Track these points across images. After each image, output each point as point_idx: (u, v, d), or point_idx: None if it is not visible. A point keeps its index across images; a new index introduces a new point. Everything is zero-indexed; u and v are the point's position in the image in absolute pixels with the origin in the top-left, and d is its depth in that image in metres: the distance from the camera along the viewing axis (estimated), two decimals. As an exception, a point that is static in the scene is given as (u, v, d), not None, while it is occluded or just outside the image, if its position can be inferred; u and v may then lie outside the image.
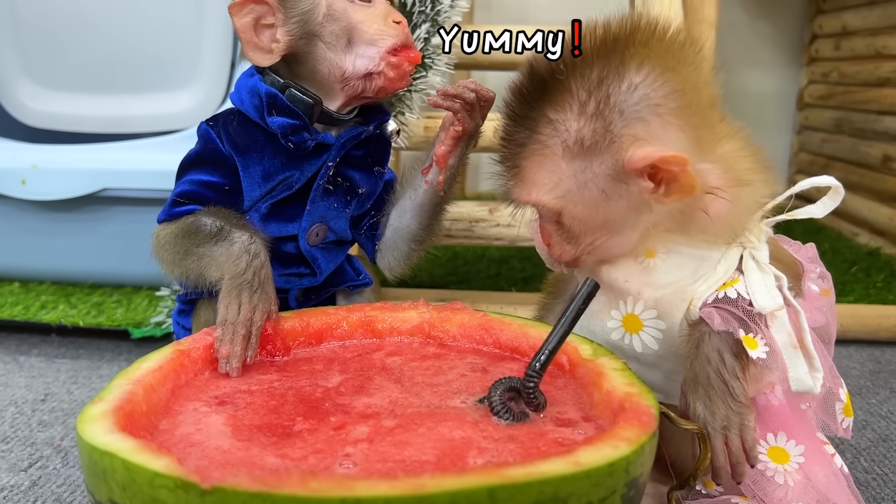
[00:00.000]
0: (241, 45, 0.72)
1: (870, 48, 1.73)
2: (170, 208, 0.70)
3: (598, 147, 0.57)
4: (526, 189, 0.61)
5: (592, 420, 0.55)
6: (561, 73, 0.57)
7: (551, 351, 0.54)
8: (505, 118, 0.62)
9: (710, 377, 0.58)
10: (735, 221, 0.61)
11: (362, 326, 0.70)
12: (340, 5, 0.71)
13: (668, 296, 0.63)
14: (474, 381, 0.61)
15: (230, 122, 0.73)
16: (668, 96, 0.56)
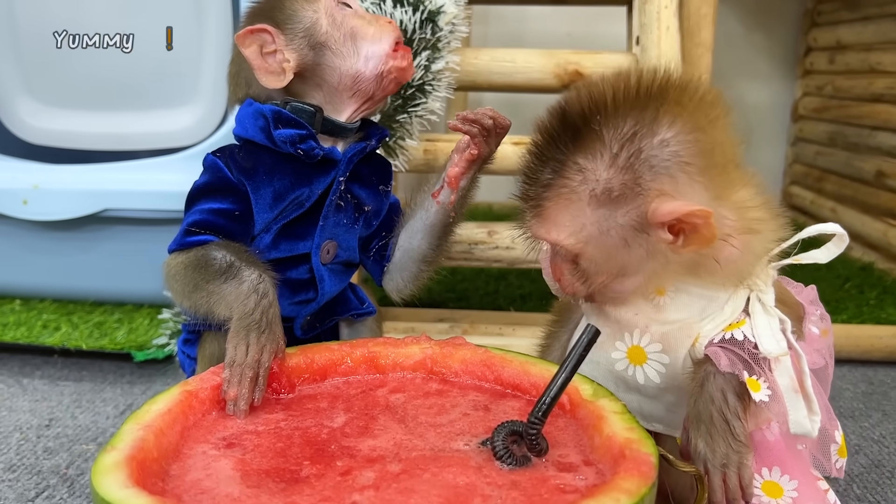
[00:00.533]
0: (255, 73, 0.74)
1: (864, 63, 1.75)
2: (182, 238, 0.71)
3: (625, 198, 0.58)
4: (546, 228, 0.62)
5: (593, 464, 0.56)
6: (596, 122, 0.58)
7: (553, 398, 0.55)
8: (531, 157, 0.62)
9: (713, 416, 0.60)
10: (744, 267, 0.63)
11: (366, 362, 0.71)
12: (338, 15, 0.75)
13: (674, 331, 0.64)
14: (476, 420, 0.62)
15: (236, 151, 0.75)
16: (697, 155, 0.58)
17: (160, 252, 1.20)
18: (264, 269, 0.68)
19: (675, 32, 1.10)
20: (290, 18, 0.75)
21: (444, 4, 1.05)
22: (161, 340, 1.09)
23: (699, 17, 1.16)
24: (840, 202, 1.84)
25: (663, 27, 1.10)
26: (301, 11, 0.75)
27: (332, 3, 0.76)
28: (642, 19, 1.13)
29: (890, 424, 1.00)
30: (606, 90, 0.59)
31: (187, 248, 0.70)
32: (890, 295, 1.42)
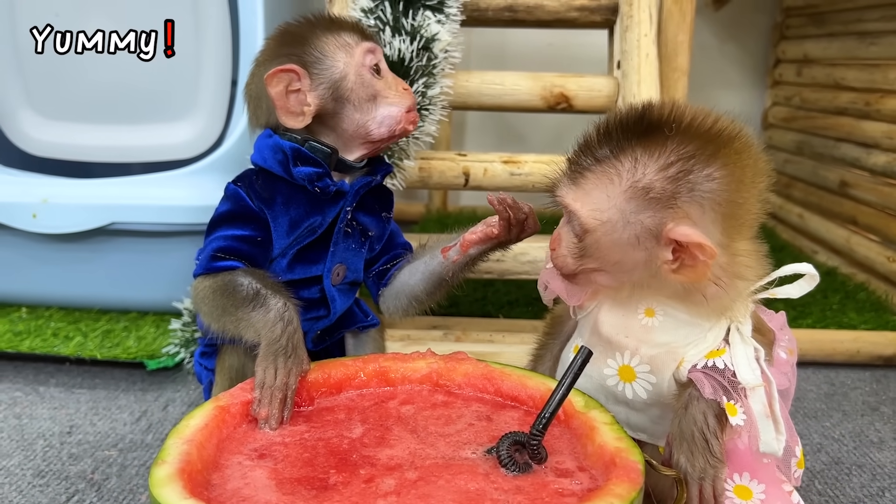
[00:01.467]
0: (276, 111, 0.79)
1: (829, 78, 1.84)
2: (208, 262, 0.77)
3: (657, 203, 0.65)
4: (576, 195, 0.69)
5: (587, 470, 0.63)
6: (669, 129, 0.65)
7: (552, 412, 0.63)
8: (596, 133, 0.69)
9: (695, 435, 0.68)
10: (728, 303, 0.70)
11: (377, 376, 0.78)
12: (367, 76, 0.81)
13: (662, 355, 0.72)
14: (481, 430, 0.70)
15: (255, 180, 0.81)
16: (730, 203, 0.66)
17: (165, 262, 1.27)
18: (288, 296, 0.74)
19: (654, 59, 1.18)
20: (320, 62, 0.80)
21: (439, 32, 1.12)
22: (171, 349, 1.14)
23: (676, 44, 1.24)
24: (806, 208, 1.94)
25: (643, 54, 1.18)
26: (332, 59, 0.80)
27: (362, 62, 0.81)
28: (623, 46, 1.21)
29: (849, 424, 1.09)
30: (688, 112, 0.67)
31: (214, 272, 0.77)
32: (851, 300, 1.51)
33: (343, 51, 0.81)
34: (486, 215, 0.85)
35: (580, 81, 1.23)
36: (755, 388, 0.68)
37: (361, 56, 0.81)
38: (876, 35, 1.65)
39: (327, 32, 0.81)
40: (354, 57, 0.81)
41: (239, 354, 0.82)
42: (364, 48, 0.81)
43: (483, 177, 1.19)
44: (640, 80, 1.17)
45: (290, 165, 0.79)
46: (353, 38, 0.82)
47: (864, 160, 1.68)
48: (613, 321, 0.75)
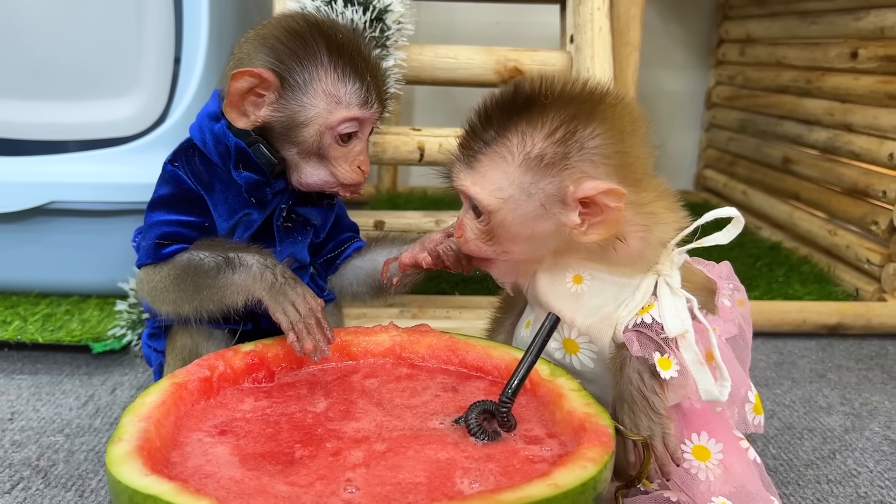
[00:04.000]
0: (225, 102, 0.75)
1: (771, 57, 1.88)
2: (155, 251, 0.74)
3: (553, 168, 0.66)
4: (472, 180, 0.69)
5: (556, 436, 0.63)
6: (546, 97, 0.66)
7: (521, 379, 0.62)
8: (479, 116, 0.69)
9: (633, 395, 0.68)
10: (648, 255, 0.71)
11: (339, 350, 0.76)
12: (327, 139, 0.76)
13: (597, 323, 0.71)
14: (447, 401, 0.69)
15: (192, 159, 0.78)
16: (618, 154, 0.67)
17: (108, 242, 1.23)
18: (256, 249, 0.73)
19: (606, 33, 1.18)
20: (296, 91, 0.74)
21: (392, 3, 1.10)
22: (117, 331, 1.10)
23: (628, 18, 1.25)
24: (750, 185, 1.98)
25: (596, 28, 1.18)
26: (309, 99, 0.74)
27: (334, 126, 0.75)
28: (576, 20, 1.20)
29: (799, 391, 1.11)
30: (559, 80, 0.68)
31: (165, 259, 0.74)
32: (796, 272, 1.55)
33: (325, 102, 0.74)
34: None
35: (534, 56, 1.22)
36: (684, 336, 0.68)
37: (338, 121, 0.75)
38: (816, 14, 1.69)
39: (330, 70, 0.74)
40: (331, 116, 0.74)
41: (192, 334, 0.79)
42: (348, 115, 0.75)
43: (438, 152, 1.17)
44: (593, 53, 1.17)
45: (231, 165, 0.76)
46: (351, 96, 0.75)
47: (806, 137, 1.72)
48: (547, 294, 0.74)
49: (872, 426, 1.01)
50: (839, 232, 1.58)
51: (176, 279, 0.73)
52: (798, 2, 1.75)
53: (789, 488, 0.85)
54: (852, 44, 1.55)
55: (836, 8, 1.60)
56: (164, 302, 0.75)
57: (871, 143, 1.48)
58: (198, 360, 0.70)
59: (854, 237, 1.53)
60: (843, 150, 1.57)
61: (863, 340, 1.33)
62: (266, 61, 0.74)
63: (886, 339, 1.34)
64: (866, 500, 0.84)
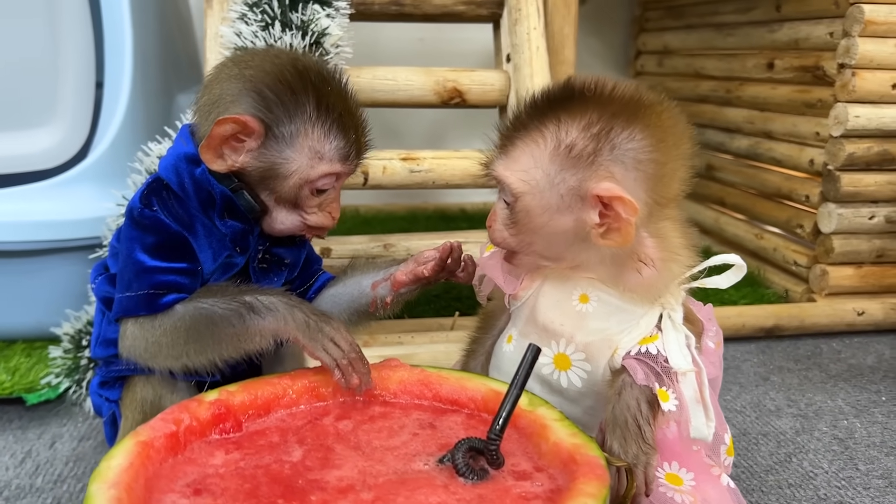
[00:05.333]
0: (203, 144, 0.72)
1: (689, 67, 1.94)
2: (150, 302, 0.70)
3: (580, 162, 0.66)
4: (505, 164, 0.70)
5: (544, 470, 0.62)
6: (590, 91, 0.67)
7: (507, 414, 0.61)
8: (524, 107, 0.70)
9: (628, 421, 0.68)
10: (660, 287, 0.71)
11: (307, 392, 0.73)
12: (305, 192, 0.75)
13: (597, 342, 0.72)
14: (427, 439, 0.67)
15: (168, 202, 0.74)
16: (653, 163, 0.66)
17: (35, 284, 1.16)
18: (268, 289, 0.72)
19: (543, 52, 1.19)
20: (280, 144, 0.72)
21: (329, 26, 1.08)
22: (51, 379, 1.03)
23: (562, 37, 1.26)
24: (675, 192, 2.03)
25: (533, 47, 1.19)
26: (293, 153, 0.72)
27: (314, 180, 0.74)
28: (513, 40, 1.21)
29: (747, 395, 1.14)
30: (610, 80, 0.69)
31: (163, 309, 0.70)
32: (728, 277, 1.60)
33: (308, 157, 0.73)
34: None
35: (472, 76, 1.22)
36: (686, 374, 0.70)
37: (318, 176, 0.74)
38: (732, 27, 1.75)
39: (318, 125, 0.73)
40: (312, 171, 0.73)
41: (154, 386, 0.75)
42: (329, 171, 0.74)
43: (382, 175, 1.15)
44: (532, 73, 1.18)
45: (216, 215, 0.74)
46: (334, 153, 0.74)
47: (728, 144, 1.78)
48: (549, 308, 0.75)
49: (820, 426, 1.04)
50: (766, 235, 1.64)
51: (188, 331, 0.70)
52: (714, 15, 1.81)
53: (754, 496, 0.87)
54: (768, 55, 1.62)
55: (751, 21, 1.67)
56: (167, 356, 0.71)
57: (792, 149, 1.54)
58: (161, 415, 0.65)
59: (780, 240, 1.59)
60: (765, 157, 1.63)
61: (798, 341, 1.38)
62: (252, 108, 0.72)
63: (819, 338, 1.39)
64: (826, 502, 0.86)
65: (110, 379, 0.79)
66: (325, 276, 0.87)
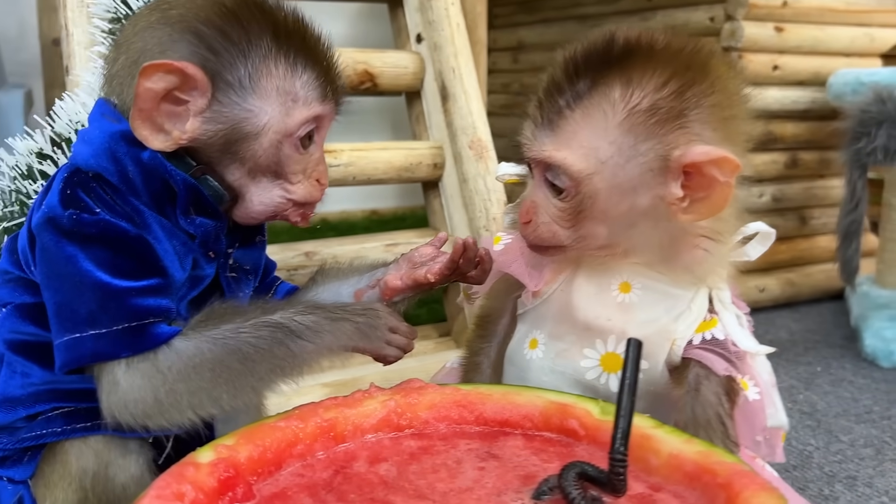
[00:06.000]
0: (132, 114, 0.53)
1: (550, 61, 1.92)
2: (137, 336, 0.52)
3: (663, 126, 0.55)
4: (556, 143, 0.57)
5: (663, 489, 0.51)
6: (656, 45, 0.57)
7: (628, 426, 0.49)
8: (565, 70, 0.58)
9: (711, 420, 0.60)
10: (713, 264, 0.63)
11: (323, 434, 0.56)
12: (286, 150, 0.57)
13: (652, 335, 0.62)
14: (499, 472, 0.53)
15: (107, 197, 0.54)
16: (729, 120, 0.58)
17: None
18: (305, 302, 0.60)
19: (464, 29, 1.09)
20: (239, 93, 0.54)
21: None
22: None
23: (475, 15, 1.17)
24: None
25: (454, 24, 1.08)
26: (259, 102, 0.55)
27: (294, 131, 0.57)
28: (429, 16, 1.09)
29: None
30: (653, 34, 0.59)
31: (154, 346, 0.52)
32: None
33: (279, 103, 0.56)
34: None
35: (384, 58, 1.09)
36: (755, 356, 0.63)
37: (298, 124, 0.57)
38: (597, 18, 1.75)
39: (280, 61, 0.55)
40: (289, 119, 0.56)
41: (97, 450, 0.55)
42: (308, 114, 0.57)
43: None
44: (455, 51, 1.07)
45: (178, 211, 0.55)
46: (307, 90, 0.57)
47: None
48: (588, 303, 0.64)
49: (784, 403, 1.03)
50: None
51: (213, 372, 0.53)
52: (574, 7, 1.80)
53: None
54: (641, 43, 1.62)
55: (619, 11, 1.67)
56: (187, 407, 0.53)
57: (674, 135, 1.56)
58: (154, 491, 0.46)
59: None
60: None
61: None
62: (190, 53, 0.53)
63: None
64: (836, 479, 0.83)
65: (13, 452, 0.57)
66: (286, 287, 0.71)
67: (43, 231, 0.53)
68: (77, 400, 0.56)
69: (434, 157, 1.08)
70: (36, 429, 0.56)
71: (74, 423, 0.55)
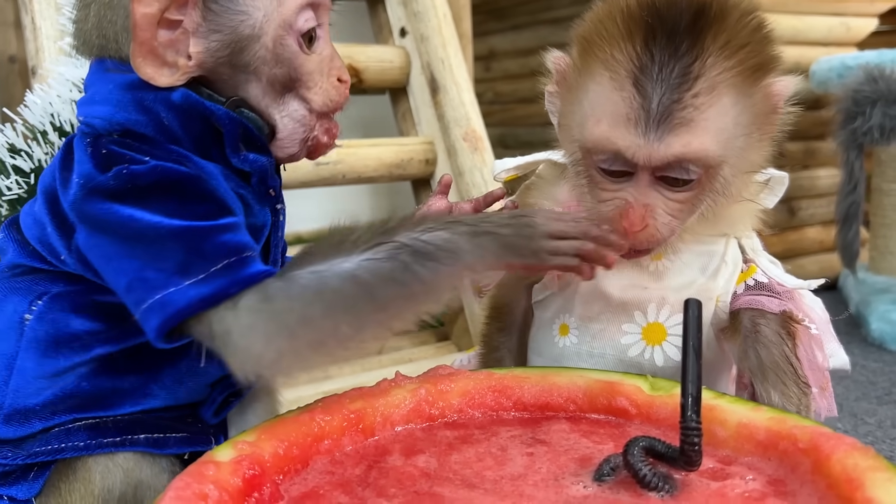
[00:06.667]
0: (132, 49, 0.47)
1: (524, 68, 1.91)
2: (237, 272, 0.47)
3: (763, 76, 0.54)
4: (688, 134, 0.51)
5: (735, 462, 0.47)
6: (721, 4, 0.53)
7: (698, 394, 0.45)
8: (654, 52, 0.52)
9: (779, 361, 0.56)
10: (743, 212, 0.61)
11: (351, 426, 0.51)
12: (291, 47, 0.52)
13: (694, 296, 0.58)
14: (551, 456, 0.49)
15: (140, 146, 0.49)
16: None
17: None
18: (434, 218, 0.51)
19: (451, 20, 1.05)
20: None
21: None
22: None
23: (458, 7, 1.13)
24: (523, 197, 1.97)
25: (440, 14, 1.04)
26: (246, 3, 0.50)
27: (292, 22, 0.52)
28: (413, 8, 1.05)
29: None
30: None
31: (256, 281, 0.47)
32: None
33: None
34: None
35: (368, 52, 1.05)
36: (802, 293, 0.61)
37: (294, 12, 0.51)
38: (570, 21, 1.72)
39: None
40: (284, 8, 0.51)
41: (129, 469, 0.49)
42: (302, 0, 0.52)
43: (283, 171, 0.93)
44: (444, 41, 1.03)
45: (229, 149, 0.51)
46: None
47: (581, 138, 1.75)
48: (618, 278, 0.60)
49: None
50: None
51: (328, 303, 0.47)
52: (546, 11, 1.79)
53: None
54: (618, 42, 1.61)
55: (594, 11, 1.65)
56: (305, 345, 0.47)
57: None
58: (172, 491, 0.40)
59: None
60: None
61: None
62: None
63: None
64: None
65: (16, 468, 0.50)
66: None
67: (87, 205, 0.47)
68: (101, 408, 0.51)
69: (426, 153, 1.04)
70: (52, 442, 0.49)
71: (101, 436, 0.49)
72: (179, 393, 0.54)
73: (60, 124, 0.71)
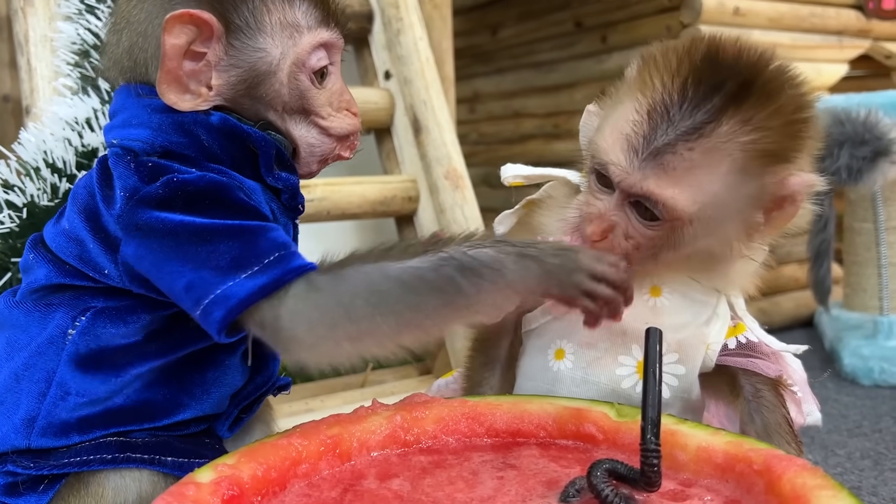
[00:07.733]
0: (159, 76, 0.52)
1: (507, 109, 1.95)
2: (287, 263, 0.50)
3: (774, 163, 0.55)
4: (667, 179, 0.53)
5: (695, 484, 0.49)
6: (763, 72, 0.54)
7: (657, 417, 0.47)
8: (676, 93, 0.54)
9: (781, 423, 0.59)
10: (741, 272, 0.63)
11: (328, 451, 0.53)
12: (303, 83, 0.56)
13: (689, 339, 0.61)
14: (520, 479, 0.50)
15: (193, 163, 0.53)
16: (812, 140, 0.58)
17: None
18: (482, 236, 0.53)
19: (433, 64, 1.09)
20: (248, 34, 0.54)
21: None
22: None
23: (441, 51, 1.17)
24: (506, 235, 2.01)
25: (423, 58, 1.08)
26: (266, 38, 0.55)
27: (305, 60, 0.56)
28: (398, 51, 1.09)
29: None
30: (755, 48, 0.56)
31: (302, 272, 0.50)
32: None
33: (286, 34, 0.55)
34: None
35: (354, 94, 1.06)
36: (784, 356, 0.63)
37: (307, 51, 0.56)
38: (553, 63, 1.79)
39: None
40: (298, 48, 0.56)
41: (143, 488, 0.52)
42: (316, 40, 0.56)
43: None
44: (426, 84, 1.07)
45: (265, 169, 0.55)
46: (308, 17, 0.56)
47: (563, 178, 1.79)
48: None
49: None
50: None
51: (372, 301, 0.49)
52: (529, 55, 1.84)
53: None
54: (598, 85, 1.66)
55: (575, 55, 1.71)
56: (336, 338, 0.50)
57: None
58: (153, 512, 0.42)
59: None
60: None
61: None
62: (196, 2, 0.53)
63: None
64: (844, 490, 0.81)
65: (27, 479, 0.52)
66: None
67: (136, 216, 0.50)
68: (136, 421, 0.53)
69: (408, 191, 1.07)
70: (81, 454, 0.51)
71: (130, 451, 0.51)
72: (205, 404, 0.57)
73: (53, 161, 0.73)
